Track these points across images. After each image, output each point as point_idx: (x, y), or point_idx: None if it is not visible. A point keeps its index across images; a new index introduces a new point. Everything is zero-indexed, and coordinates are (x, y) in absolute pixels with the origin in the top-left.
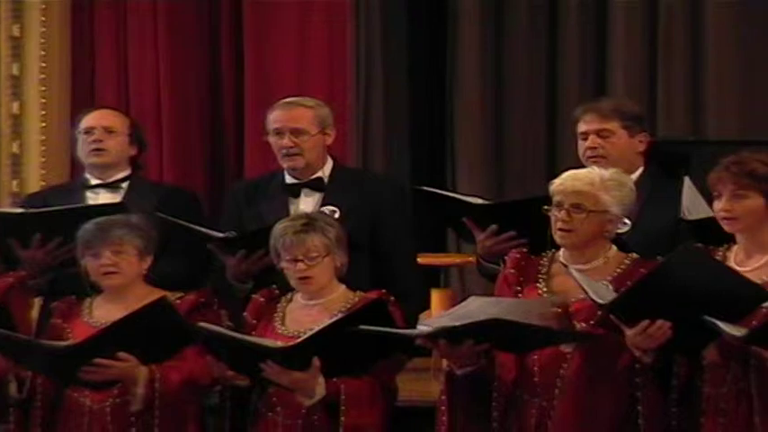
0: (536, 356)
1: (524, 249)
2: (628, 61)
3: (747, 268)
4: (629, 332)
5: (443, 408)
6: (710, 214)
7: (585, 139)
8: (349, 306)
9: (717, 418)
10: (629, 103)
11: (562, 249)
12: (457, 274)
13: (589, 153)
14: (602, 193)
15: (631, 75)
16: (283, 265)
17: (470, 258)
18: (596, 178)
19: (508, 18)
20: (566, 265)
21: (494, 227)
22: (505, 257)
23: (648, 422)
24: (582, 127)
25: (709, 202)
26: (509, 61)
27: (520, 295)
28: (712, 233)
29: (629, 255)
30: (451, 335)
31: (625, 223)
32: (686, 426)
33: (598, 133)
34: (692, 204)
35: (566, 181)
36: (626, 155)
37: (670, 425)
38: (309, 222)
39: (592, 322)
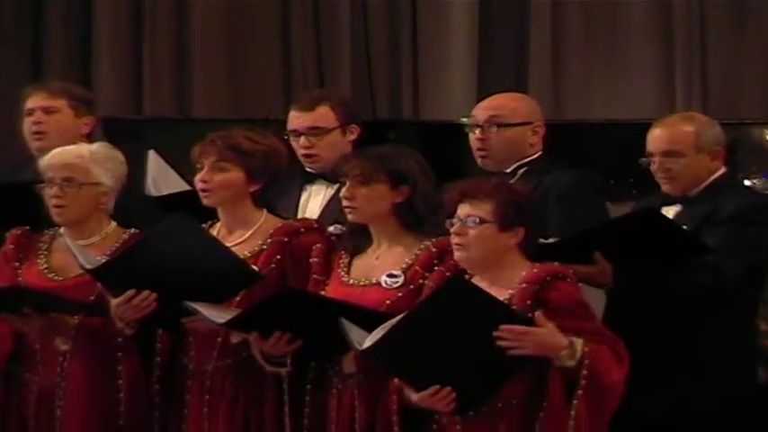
0: None
1: (27, 228)
2: (113, 41)
3: (229, 244)
4: (114, 302)
5: None
6: (184, 187)
7: (31, 116)
8: None
9: (202, 395)
10: (80, 87)
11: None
12: None
13: (34, 128)
14: (92, 166)
15: (117, 55)
16: None
17: None
18: (84, 151)
19: None
20: (62, 235)
21: None
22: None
23: (128, 400)
24: (30, 103)
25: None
26: None
27: (19, 271)
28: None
29: (128, 230)
30: None
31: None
32: (170, 403)
33: (44, 110)
34: (161, 179)
35: (54, 156)
36: (70, 134)
37: (153, 402)
38: None
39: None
